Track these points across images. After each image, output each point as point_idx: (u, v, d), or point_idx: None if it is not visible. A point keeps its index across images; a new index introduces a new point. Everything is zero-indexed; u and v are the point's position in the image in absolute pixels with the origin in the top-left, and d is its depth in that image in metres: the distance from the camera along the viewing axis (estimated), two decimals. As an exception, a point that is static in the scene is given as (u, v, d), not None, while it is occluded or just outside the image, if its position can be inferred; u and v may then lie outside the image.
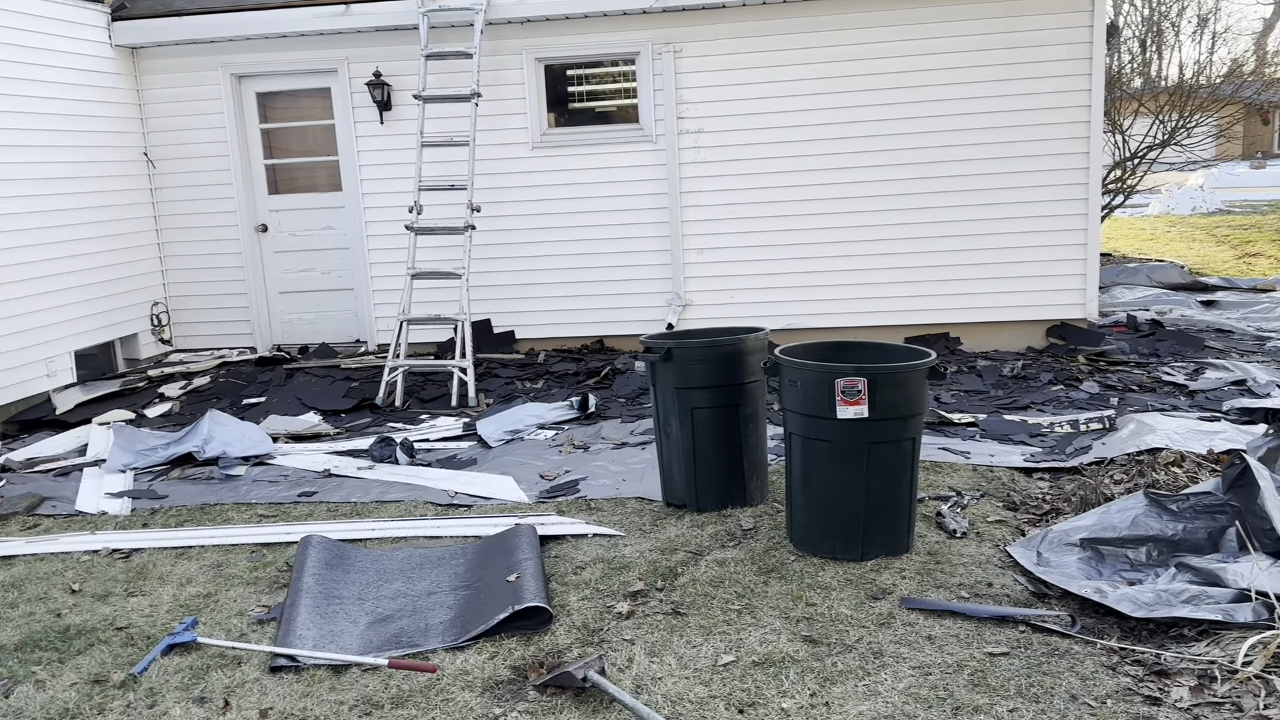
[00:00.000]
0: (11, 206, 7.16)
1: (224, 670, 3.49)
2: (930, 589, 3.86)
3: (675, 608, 3.80)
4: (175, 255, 8.96)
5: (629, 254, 8.48)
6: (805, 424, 4.17)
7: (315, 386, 7.68)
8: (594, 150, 8.41)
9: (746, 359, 4.74)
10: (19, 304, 7.18)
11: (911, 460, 4.14)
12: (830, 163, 8.16)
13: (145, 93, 8.75)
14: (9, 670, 3.62)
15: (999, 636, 3.48)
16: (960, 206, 8.08)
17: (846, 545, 4.14)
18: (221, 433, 6.17)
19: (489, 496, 5.26)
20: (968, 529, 4.41)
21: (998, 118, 7.95)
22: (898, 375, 4.01)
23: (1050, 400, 6.63)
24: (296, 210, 8.95)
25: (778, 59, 8.09)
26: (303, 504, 5.28)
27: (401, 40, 8.38)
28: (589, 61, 8.44)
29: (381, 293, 8.75)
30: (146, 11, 8.43)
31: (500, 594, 3.81)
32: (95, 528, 5.09)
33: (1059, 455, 5.45)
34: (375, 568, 4.27)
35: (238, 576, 4.33)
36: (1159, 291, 10.92)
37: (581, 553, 4.38)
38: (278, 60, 8.59)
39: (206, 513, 5.22)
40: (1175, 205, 21.87)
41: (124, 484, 5.73)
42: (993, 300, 8.15)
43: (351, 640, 3.66)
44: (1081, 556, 3.98)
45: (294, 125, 8.92)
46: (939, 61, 7.95)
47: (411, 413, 7.17)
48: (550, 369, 8.09)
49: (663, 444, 4.92)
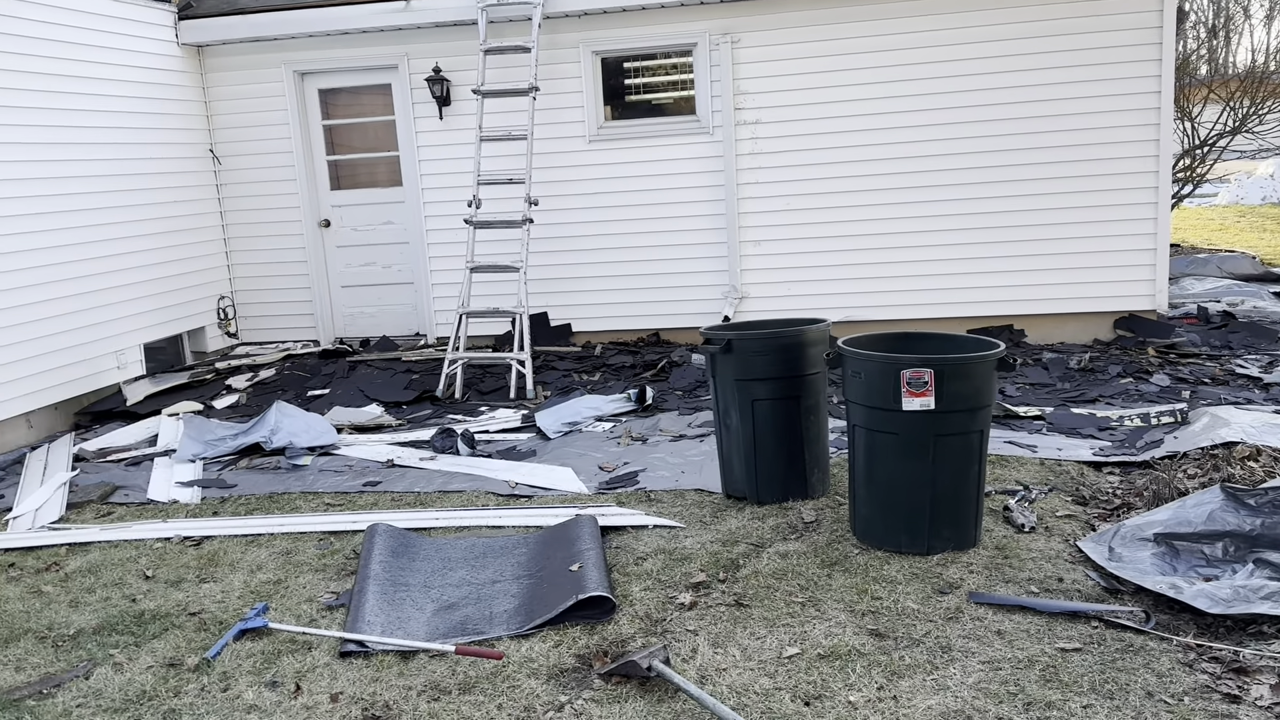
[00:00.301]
0: (83, 203, 7.35)
1: (295, 655, 3.56)
2: (999, 584, 3.80)
3: (738, 599, 3.79)
4: (241, 250, 9.14)
5: (685, 246, 8.46)
6: (869, 416, 4.12)
7: (377, 379, 7.78)
8: (650, 143, 8.40)
9: (808, 350, 4.71)
10: (91, 298, 7.37)
11: (979, 453, 4.07)
12: (890, 152, 8.06)
13: (211, 90, 8.93)
14: (88, 653, 3.72)
15: (1071, 632, 3.41)
16: (1025, 196, 7.93)
17: (912, 539, 4.09)
18: (288, 424, 6.28)
19: (549, 487, 5.29)
20: (1036, 523, 4.33)
21: (1064, 105, 7.79)
22: (966, 366, 3.95)
23: (1119, 393, 6.49)
24: (358, 205, 9.07)
25: (837, 48, 8.01)
26: (367, 493, 5.35)
27: (460, 35, 8.44)
28: (645, 54, 8.43)
29: (440, 286, 8.84)
30: (212, 10, 8.60)
31: (563, 583, 3.83)
32: (167, 516, 5.21)
33: (1129, 449, 5.33)
34: (440, 556, 4.31)
35: (306, 563, 4.41)
36: (1230, 282, 10.62)
37: (642, 544, 4.38)
38: (339, 57, 8.71)
39: (275, 501, 5.32)
40: (1245, 194, 21.25)
41: (194, 473, 5.86)
42: (1058, 291, 8.00)
43: (418, 627, 3.70)
44: (1155, 552, 3.89)
45: (355, 121, 9.04)
46: (1004, 48, 7.80)
47: (471, 404, 7.23)
48: (607, 361, 8.11)
49: (722, 436, 4.90)
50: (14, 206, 6.69)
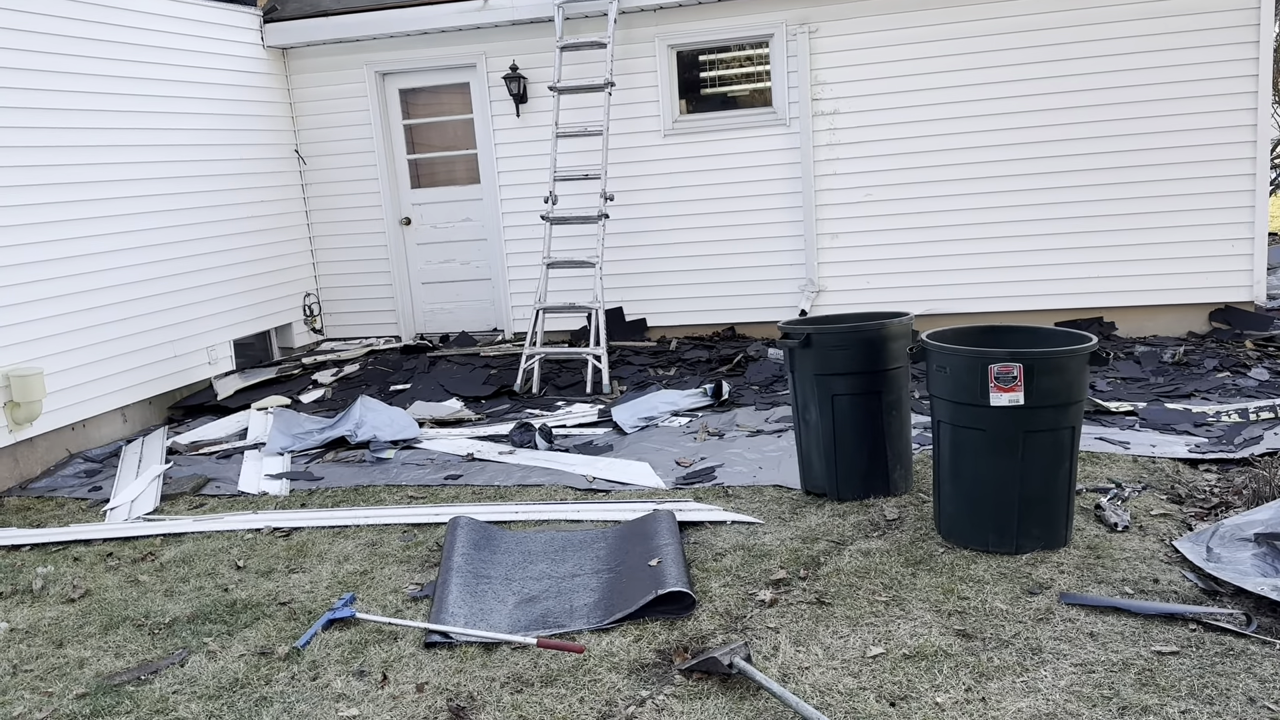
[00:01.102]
0: (175, 204, 7.59)
1: (381, 645, 3.62)
2: (1090, 584, 3.69)
3: (819, 597, 3.75)
4: (325, 248, 9.35)
5: (761, 240, 8.40)
6: (955, 411, 4.04)
7: (456, 373, 7.89)
8: (725, 135, 8.35)
9: (889, 344, 4.63)
10: (182, 295, 7.60)
11: (1070, 450, 3.96)
12: (972, 141, 7.88)
13: (295, 92, 9.14)
14: (183, 641, 3.84)
15: (1167, 635, 3.30)
16: (1113, 184, 7.69)
17: (1000, 538, 3.99)
18: (372, 418, 6.40)
19: (626, 482, 5.30)
20: (1129, 522, 4.20)
21: (1154, 90, 7.53)
22: (1056, 360, 3.84)
23: (1215, 388, 6.25)
24: (437, 203, 9.20)
25: (917, 35, 7.86)
26: (449, 486, 5.43)
27: (537, 33, 8.50)
28: (720, 46, 8.38)
29: (517, 282, 8.92)
30: (295, 13, 8.79)
31: (642, 578, 3.83)
32: (257, 507, 5.35)
33: (1227, 445, 5.13)
34: (520, 549, 4.35)
35: (391, 555, 4.49)
36: (1333, 273, 10.16)
37: (721, 540, 4.36)
38: (419, 57, 8.84)
39: (360, 494, 5.43)
40: (1349, 180, 20.29)
41: (282, 466, 6.01)
42: (1149, 283, 7.74)
43: (500, 619, 3.74)
44: (1256, 552, 3.73)
45: (434, 120, 9.16)
46: (1089, 33, 7.57)
47: (548, 399, 7.28)
48: (682, 356, 8.10)
49: (801, 431, 4.85)
50: (110, 207, 6.94)
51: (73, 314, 6.56)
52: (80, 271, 6.65)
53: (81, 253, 6.67)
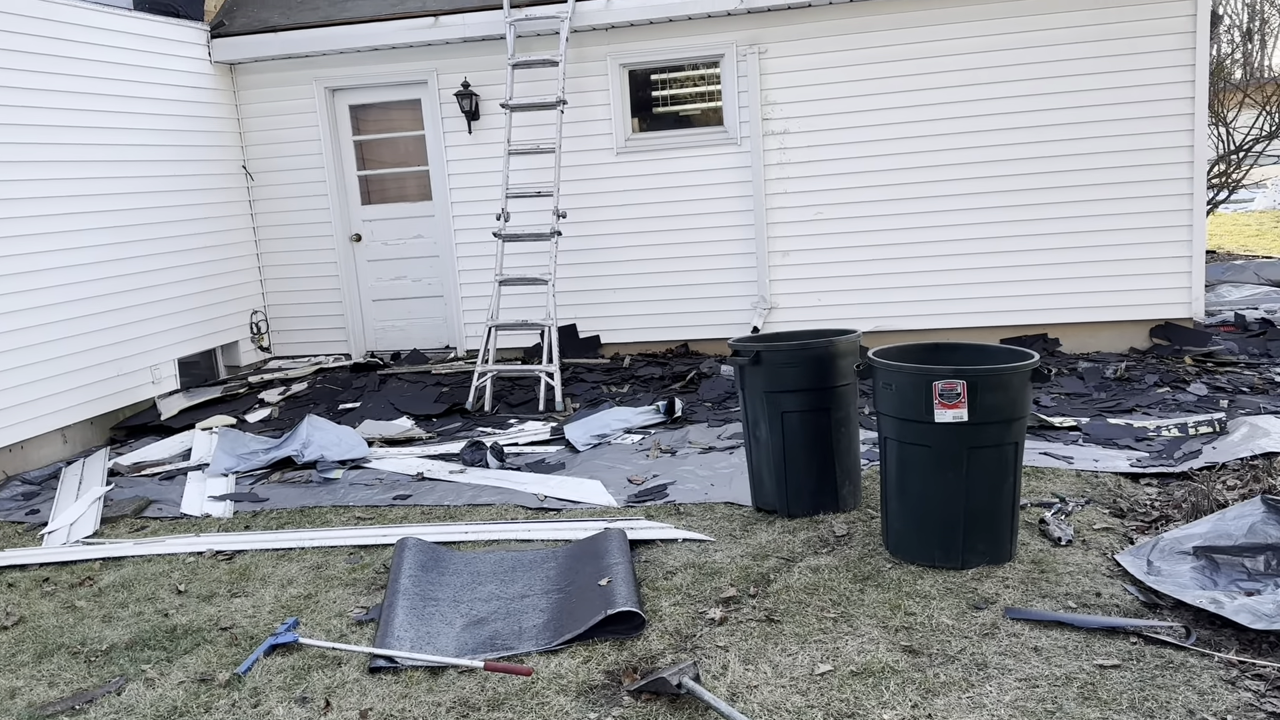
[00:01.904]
0: (117, 220, 7.45)
1: (325, 670, 3.56)
2: (1035, 599, 3.74)
3: (769, 615, 3.75)
4: (273, 265, 9.23)
5: (713, 257, 8.44)
6: (901, 428, 4.08)
7: (407, 392, 7.82)
8: (678, 154, 8.40)
9: (838, 362, 4.66)
10: (125, 314, 7.46)
11: (1014, 465, 4.01)
12: (918, 160, 8.00)
13: (243, 107, 9.03)
14: (120, 669, 3.74)
15: (1109, 648, 3.34)
16: (1057, 203, 7.84)
17: (946, 553, 4.03)
18: (319, 437, 6.31)
19: (578, 500, 5.28)
20: (1073, 536, 4.26)
21: (1096, 111, 7.70)
22: (999, 377, 3.89)
23: (1156, 403, 6.38)
24: (388, 220, 9.14)
25: (864, 57, 7.97)
26: (398, 507, 5.37)
27: (488, 50, 8.49)
28: (672, 65, 8.43)
29: (470, 299, 8.87)
30: (244, 28, 8.70)
31: (592, 598, 3.81)
32: (200, 530, 5.25)
33: (1167, 460, 5.23)
34: (469, 570, 4.31)
35: (337, 578, 4.42)
36: (1268, 289, 10.43)
37: (672, 558, 4.36)
38: (370, 73, 8.78)
39: (306, 515, 5.35)
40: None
41: (226, 487, 5.90)
42: (1093, 300, 7.89)
43: (447, 642, 3.70)
44: (1195, 565, 3.81)
45: (385, 136, 9.11)
46: (1033, 55, 7.73)
47: (500, 417, 7.24)
48: (635, 373, 8.10)
49: (752, 448, 4.87)
50: (50, 224, 6.80)
51: (11, 332, 6.41)
52: (19, 289, 6.50)
53: (19, 270, 6.52)
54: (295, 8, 8.83)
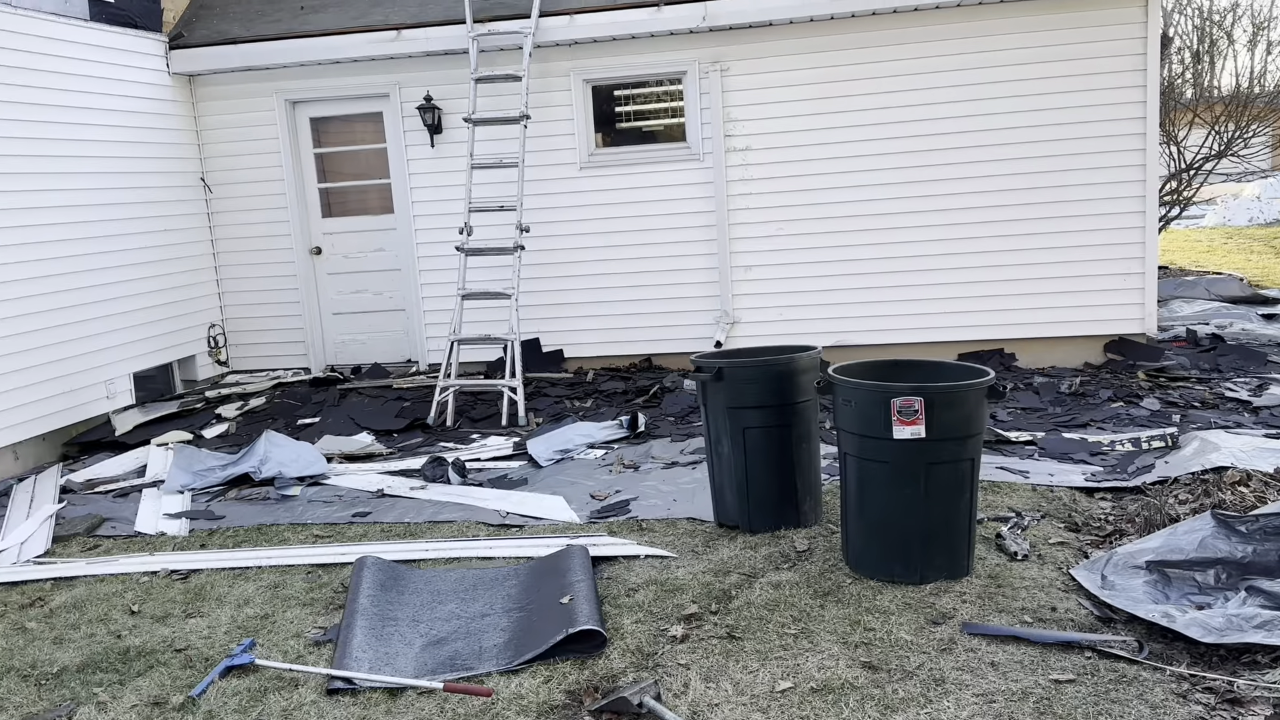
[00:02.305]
0: (72, 233, 7.34)
1: (281, 692, 3.51)
2: (992, 613, 3.78)
3: (730, 631, 3.76)
4: (232, 278, 9.13)
5: (677, 272, 8.47)
6: (860, 444, 4.11)
7: (368, 406, 7.76)
8: (641, 169, 8.43)
9: (799, 378, 4.70)
10: (79, 327, 7.34)
11: (970, 481, 4.06)
12: (880, 178, 8.10)
13: (202, 119, 8.94)
14: (71, 692, 3.67)
15: (1064, 663, 3.39)
16: (1014, 221, 7.97)
17: (905, 568, 4.07)
18: (277, 453, 6.24)
19: (540, 517, 5.26)
20: (1029, 551, 4.32)
21: (1050, 130, 7.84)
22: (955, 394, 3.94)
23: (1110, 418, 6.49)
24: (349, 233, 9.08)
25: (825, 76, 8.06)
26: (357, 524, 5.32)
27: (452, 64, 8.48)
28: (636, 82, 8.47)
29: (432, 313, 8.83)
30: (203, 40, 8.62)
31: (554, 616, 3.80)
32: (154, 549, 5.17)
33: (1121, 474, 5.32)
34: (429, 589, 4.28)
35: (294, 597, 4.37)
36: (1218, 305, 10.66)
37: (634, 574, 4.36)
38: (331, 86, 8.73)
39: (263, 533, 5.28)
40: (1232, 216, 21.40)
41: (182, 505, 5.82)
42: (1048, 315, 8.02)
43: (407, 663, 3.67)
44: (1148, 580, 3.88)
45: (347, 149, 9.05)
46: (989, 75, 7.86)
47: (462, 432, 7.20)
48: (599, 388, 8.10)
49: (714, 464, 4.89)
50: (1, 237, 6.67)
51: (-41, 347, 6.28)
52: (-32, 303, 6.38)
53: (-30, 283, 6.40)
54: (256, 20, 8.77)
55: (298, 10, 8.78)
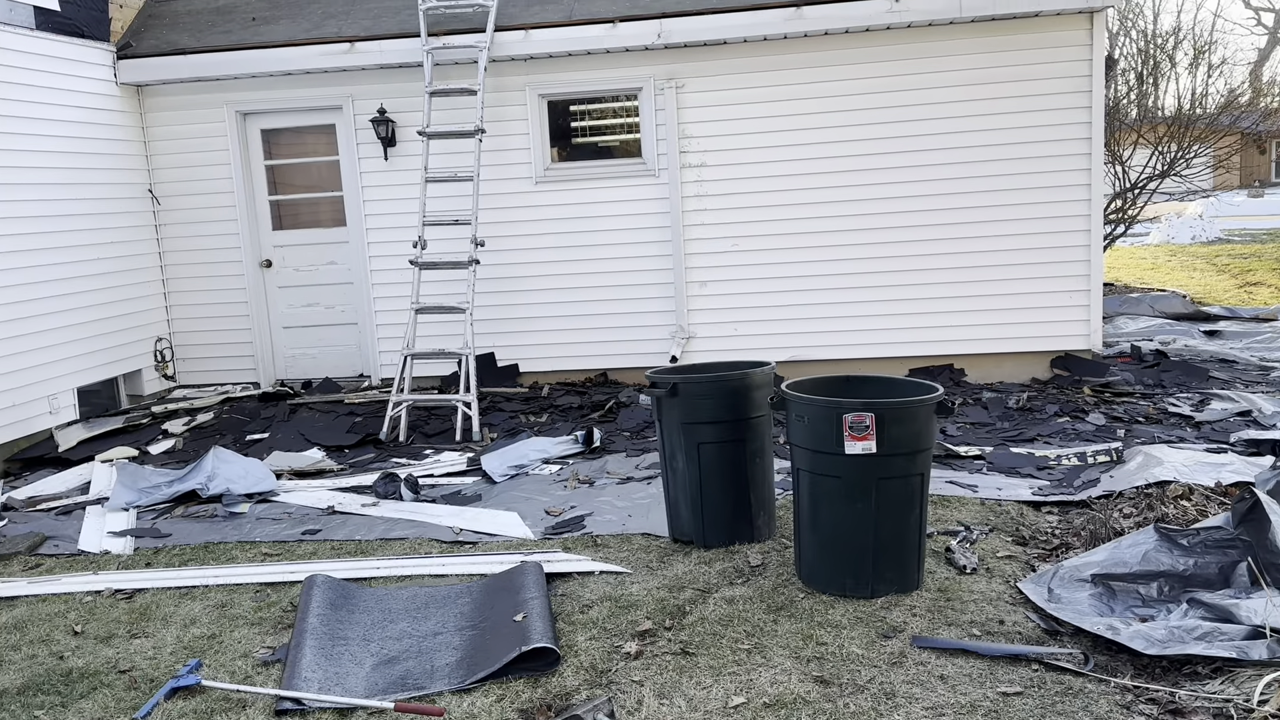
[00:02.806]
0: (13, 245, 7.18)
1: (228, 714, 3.45)
2: (941, 627, 3.83)
3: (684, 647, 3.77)
4: (179, 291, 8.98)
5: (632, 287, 8.49)
6: (813, 459, 4.15)
7: (319, 422, 7.67)
8: (597, 184, 8.45)
9: (753, 393, 4.73)
10: (21, 341, 7.18)
11: (920, 495, 4.11)
12: (833, 195, 8.19)
13: (150, 130, 8.80)
14: (11, 715, 3.58)
15: (1012, 675, 3.44)
16: (963, 239, 8.10)
17: (856, 582, 4.10)
18: (225, 470, 6.15)
19: (494, 533, 5.23)
20: (978, 564, 4.37)
21: (999, 150, 7.99)
22: (906, 410, 4.00)
23: (1057, 432, 6.61)
24: (300, 245, 8.98)
25: (779, 94, 8.15)
26: (307, 542, 5.25)
27: (406, 77, 8.44)
28: (592, 97, 8.50)
29: (385, 327, 8.76)
30: (152, 50, 8.50)
31: (507, 634, 3.78)
32: (98, 568, 5.06)
33: (1067, 488, 5.42)
34: (380, 607, 4.23)
35: (242, 617, 4.30)
36: (1162, 321, 10.92)
37: (588, 590, 4.35)
38: (283, 98, 8.65)
39: (210, 551, 5.19)
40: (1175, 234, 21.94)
41: (127, 522, 5.70)
42: (997, 332, 8.15)
43: (357, 683, 3.62)
44: (1093, 593, 3.95)
45: (298, 161, 8.96)
46: (939, 95, 8.00)
47: (415, 448, 7.15)
48: (554, 402, 8.08)
49: (669, 479, 4.90)
50: (-58, 248, 6.53)
51: (-105, 361, 6.12)
52: (-96, 316, 6.21)
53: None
54: (206, 30, 8.67)
55: (249, 21, 8.70)
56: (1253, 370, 8.36)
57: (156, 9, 9.02)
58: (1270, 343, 9.50)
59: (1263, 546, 3.76)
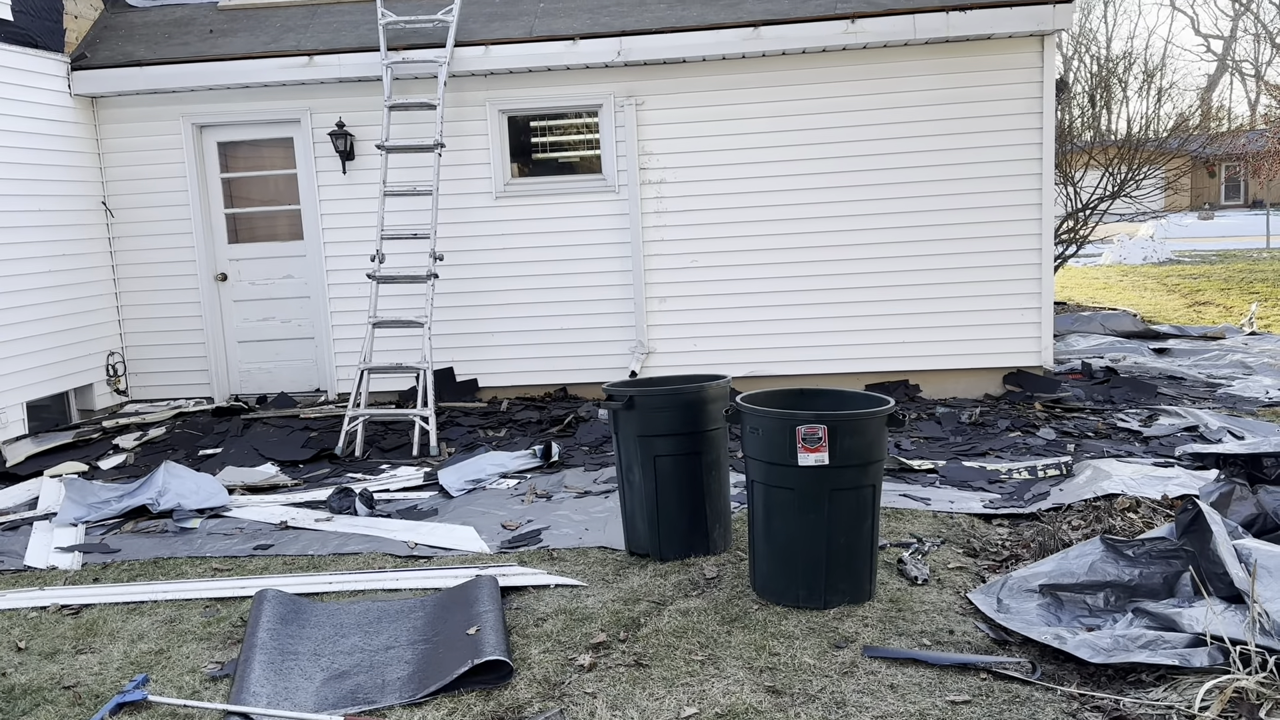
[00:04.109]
0: (-36, 255, 7.07)
1: (174, 730, 3.40)
2: (892, 637, 3.86)
3: (638, 659, 3.77)
4: (133, 305, 8.87)
5: (592, 302, 8.51)
6: (767, 471, 4.18)
7: (273, 437, 7.58)
8: (557, 200, 8.47)
9: (709, 406, 4.76)
10: (-31, 354, 7.05)
11: (872, 507, 4.16)
12: (789, 213, 8.28)
13: (105, 142, 8.71)
14: (-51, 733, 3.50)
15: (961, 684, 3.48)
16: (918, 256, 8.21)
17: (809, 593, 4.13)
18: (176, 484, 6.06)
19: (450, 547, 5.20)
20: (929, 576, 4.42)
21: (953, 169, 8.12)
22: (857, 422, 4.04)
23: (1008, 447, 6.70)
24: (257, 259, 8.91)
25: (737, 112, 8.23)
26: (259, 557, 5.18)
27: (365, 91, 8.43)
28: (552, 113, 8.53)
29: (342, 341, 8.70)
30: (107, 61, 8.42)
31: (460, 648, 3.75)
32: (44, 583, 4.96)
33: (1018, 501, 5.50)
34: (332, 622, 4.19)
35: (191, 632, 4.24)
36: (1113, 339, 11.12)
37: (543, 604, 4.33)
38: (240, 110, 8.60)
39: (160, 567, 5.11)
40: (1127, 255, 22.39)
41: (75, 538, 5.60)
42: (951, 348, 8.26)
43: (306, 698, 3.58)
44: (1041, 603, 4.00)
45: (255, 174, 8.90)
46: (894, 116, 8.12)
47: (372, 463, 7.09)
48: (513, 417, 8.06)
49: (625, 492, 4.91)
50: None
51: None
52: None
53: None
54: (163, 42, 8.60)
55: (207, 34, 8.64)
56: (1200, 387, 8.54)
57: (112, 20, 8.94)
58: (1217, 360, 9.71)
59: (1205, 556, 3.84)
